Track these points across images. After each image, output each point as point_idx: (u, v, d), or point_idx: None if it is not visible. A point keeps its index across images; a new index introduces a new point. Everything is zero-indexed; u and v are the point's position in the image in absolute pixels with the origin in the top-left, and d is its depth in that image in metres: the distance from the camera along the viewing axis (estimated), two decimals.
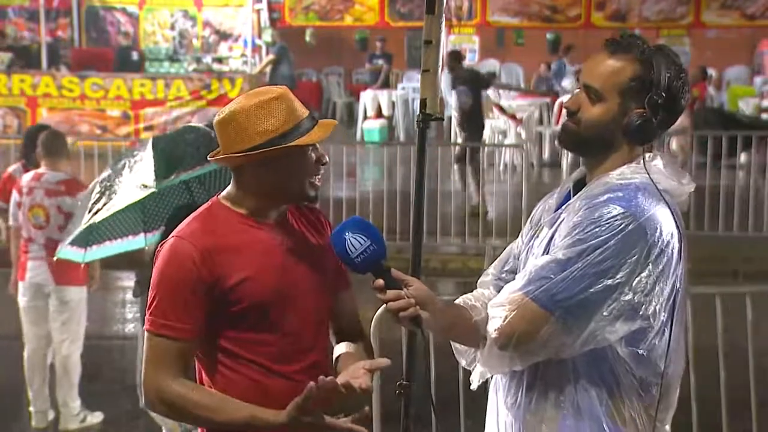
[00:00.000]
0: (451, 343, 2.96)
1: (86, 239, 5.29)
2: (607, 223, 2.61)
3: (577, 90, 2.79)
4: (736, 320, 5.18)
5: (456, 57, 13.03)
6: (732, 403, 5.20)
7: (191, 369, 2.81)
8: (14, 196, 6.67)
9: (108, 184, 5.07)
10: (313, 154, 2.80)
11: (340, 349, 2.94)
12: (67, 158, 6.73)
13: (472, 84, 12.48)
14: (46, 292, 6.59)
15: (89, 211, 5.03)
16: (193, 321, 2.71)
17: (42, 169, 6.63)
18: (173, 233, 2.80)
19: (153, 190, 4.80)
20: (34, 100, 16.73)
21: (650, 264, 2.62)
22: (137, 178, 4.90)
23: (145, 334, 2.76)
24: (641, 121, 2.69)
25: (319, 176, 2.84)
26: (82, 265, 5.95)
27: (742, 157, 13.19)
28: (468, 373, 3.00)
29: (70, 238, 5.24)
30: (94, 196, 5.08)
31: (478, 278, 3.02)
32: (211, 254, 2.71)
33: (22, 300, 6.66)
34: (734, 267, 10.40)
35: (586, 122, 2.73)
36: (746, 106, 18.43)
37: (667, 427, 2.83)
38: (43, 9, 18.09)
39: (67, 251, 5.38)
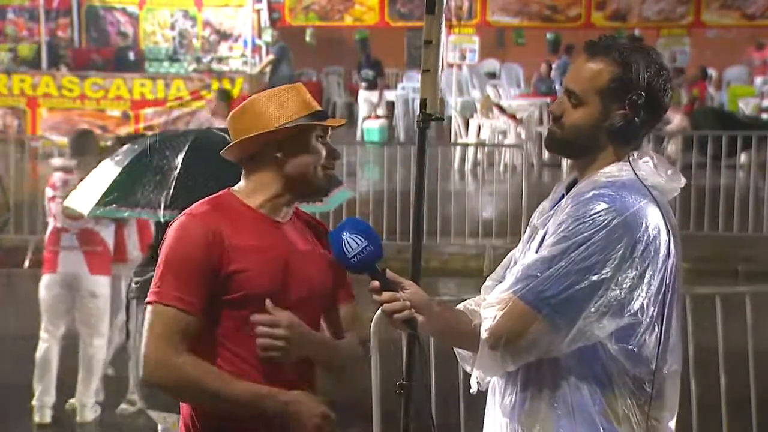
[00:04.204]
0: (455, 349, 2.96)
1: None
2: (591, 220, 2.64)
3: (562, 94, 2.82)
4: (736, 320, 5.18)
5: None
6: (732, 403, 5.20)
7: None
8: (48, 193, 6.65)
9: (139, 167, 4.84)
10: (325, 147, 2.86)
11: None
12: (95, 156, 6.71)
13: None
14: (76, 285, 6.49)
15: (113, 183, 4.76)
16: (199, 298, 2.73)
17: (72, 165, 6.63)
18: (185, 211, 2.83)
19: (159, 219, 4.71)
20: (34, 100, 16.74)
21: (636, 259, 2.64)
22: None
23: (149, 307, 2.75)
24: (623, 121, 2.72)
25: (332, 170, 2.89)
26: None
27: (742, 157, 13.18)
28: (468, 374, 3.00)
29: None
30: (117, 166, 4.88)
31: (478, 278, 3.04)
32: (220, 236, 2.75)
33: (46, 293, 6.54)
34: (734, 267, 10.39)
35: (568, 126, 2.77)
36: (746, 106, 18.43)
37: (671, 424, 2.82)
38: (43, 9, 18.07)
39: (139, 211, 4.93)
